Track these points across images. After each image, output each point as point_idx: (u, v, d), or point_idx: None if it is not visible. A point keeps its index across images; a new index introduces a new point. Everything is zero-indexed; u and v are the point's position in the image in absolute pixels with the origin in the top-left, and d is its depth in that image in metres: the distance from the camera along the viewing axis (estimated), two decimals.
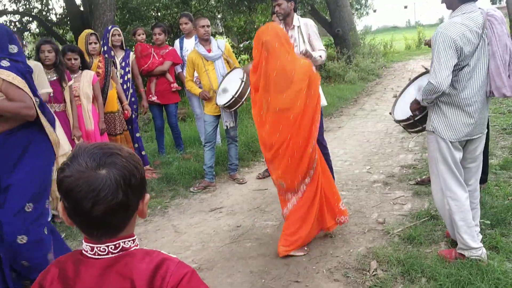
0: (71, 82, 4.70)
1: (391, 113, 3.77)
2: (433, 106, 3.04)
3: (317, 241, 3.72)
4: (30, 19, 13.33)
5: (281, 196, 3.67)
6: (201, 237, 4.10)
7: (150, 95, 6.16)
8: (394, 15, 49.18)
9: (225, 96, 4.95)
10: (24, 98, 2.76)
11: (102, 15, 8.08)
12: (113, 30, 5.72)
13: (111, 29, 5.74)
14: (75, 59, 4.77)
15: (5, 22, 12.63)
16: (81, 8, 11.52)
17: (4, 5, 14.49)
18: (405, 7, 51.94)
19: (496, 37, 2.86)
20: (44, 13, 13.47)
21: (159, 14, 12.86)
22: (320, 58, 4.39)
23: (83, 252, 1.16)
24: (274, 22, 4.18)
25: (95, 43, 5.29)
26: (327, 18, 15.67)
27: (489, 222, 3.53)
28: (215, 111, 5.31)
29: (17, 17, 13.34)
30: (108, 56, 5.51)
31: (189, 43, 6.32)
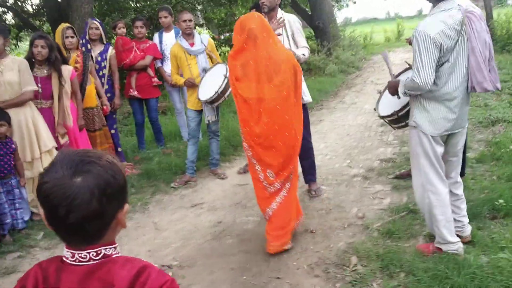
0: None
1: (376, 109, 3.82)
2: (415, 102, 3.08)
3: (298, 237, 3.74)
4: (6, 10, 13.00)
5: (263, 194, 3.61)
6: (182, 234, 4.09)
7: (131, 90, 6.08)
8: (374, 7, 49.51)
9: (208, 92, 4.91)
10: None
11: (80, 7, 7.92)
12: (91, 23, 5.63)
13: (90, 22, 5.66)
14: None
15: None
16: None
17: None
18: None
19: (475, 33, 2.90)
20: (20, 4, 13.14)
21: (138, 5, 12.67)
22: (303, 56, 4.35)
23: (64, 259, 1.16)
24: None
25: (72, 37, 5.19)
26: (308, 11, 15.68)
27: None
28: (197, 106, 5.28)
29: None
30: (86, 50, 5.42)
31: (168, 37, 6.26)
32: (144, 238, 4.07)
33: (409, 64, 3.90)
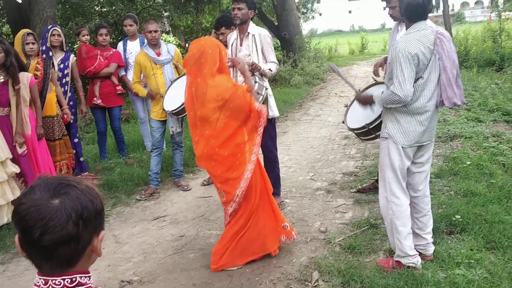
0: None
1: (344, 122, 4.00)
2: (388, 114, 3.23)
3: None
4: None
5: (224, 207, 3.64)
6: (143, 248, 4.01)
7: (95, 98, 5.96)
8: (339, 19, 50.58)
9: (173, 102, 4.84)
10: None
11: (42, 11, 7.68)
12: (53, 30, 5.48)
13: (51, 29, 5.49)
14: None
15: None
16: (19, 0, 10.94)
17: None
18: (350, 12, 53.56)
19: (446, 53, 3.16)
20: None
21: (103, 10, 12.48)
22: (270, 72, 4.37)
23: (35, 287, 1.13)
24: (211, 37, 4.12)
25: (33, 43, 5.03)
26: (274, 21, 15.82)
27: None
28: (162, 116, 5.22)
29: None
30: (47, 57, 5.27)
31: (133, 46, 6.18)
32: (104, 252, 3.92)
33: (375, 80, 4.05)
